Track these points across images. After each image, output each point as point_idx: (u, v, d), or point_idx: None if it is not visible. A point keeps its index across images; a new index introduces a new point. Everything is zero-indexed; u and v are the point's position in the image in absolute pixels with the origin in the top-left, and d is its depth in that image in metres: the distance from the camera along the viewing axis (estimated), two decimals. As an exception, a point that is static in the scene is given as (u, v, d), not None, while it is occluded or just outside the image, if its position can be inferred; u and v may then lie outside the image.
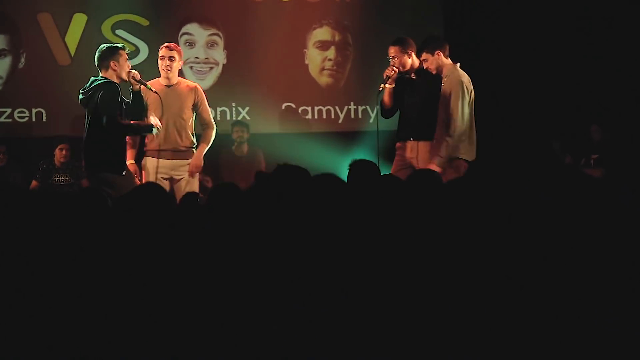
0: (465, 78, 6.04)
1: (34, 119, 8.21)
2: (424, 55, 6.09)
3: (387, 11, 8.62)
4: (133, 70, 5.89)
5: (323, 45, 8.62)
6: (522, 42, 8.48)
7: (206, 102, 6.26)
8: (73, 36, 8.19)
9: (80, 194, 4.46)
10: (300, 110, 8.61)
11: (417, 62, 6.19)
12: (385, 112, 6.34)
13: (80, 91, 5.85)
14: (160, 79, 6.17)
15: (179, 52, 6.21)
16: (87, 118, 5.84)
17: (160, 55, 6.16)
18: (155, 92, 5.94)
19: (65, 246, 2.62)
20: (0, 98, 8.16)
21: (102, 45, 5.93)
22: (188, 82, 6.30)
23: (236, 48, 8.49)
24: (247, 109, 8.51)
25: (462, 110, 5.95)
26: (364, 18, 8.62)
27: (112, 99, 5.69)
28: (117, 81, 5.80)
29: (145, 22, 8.32)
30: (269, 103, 8.49)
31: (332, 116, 8.33)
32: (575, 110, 8.32)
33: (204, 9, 8.47)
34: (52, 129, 8.20)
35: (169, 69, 6.11)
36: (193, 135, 6.20)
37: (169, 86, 6.15)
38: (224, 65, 8.47)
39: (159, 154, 6.13)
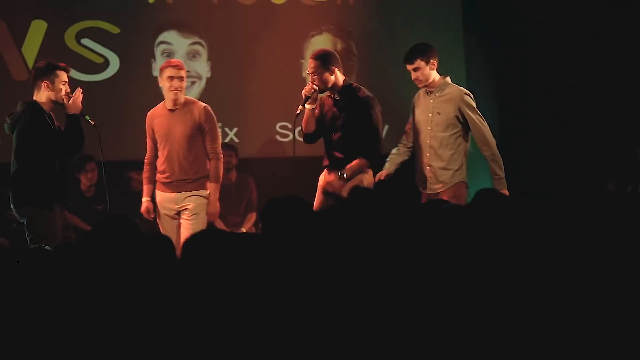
0: (463, 89, 5.88)
1: (-15, 143, 7.69)
2: (418, 63, 5.81)
3: (397, 15, 8.18)
4: (77, 94, 5.66)
5: (323, 56, 8.04)
6: (564, 40, 7.99)
7: (215, 127, 6.05)
8: (31, 47, 7.73)
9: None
10: (297, 130, 7.86)
11: (341, 80, 5.93)
12: (308, 138, 6.14)
13: (7, 117, 5.75)
14: (165, 102, 5.98)
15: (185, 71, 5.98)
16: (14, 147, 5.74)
17: (167, 75, 5.85)
18: (94, 126, 5.75)
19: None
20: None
21: (41, 62, 5.87)
22: (197, 103, 5.99)
23: (222, 59, 8.04)
24: (235, 129, 8.06)
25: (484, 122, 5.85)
26: (369, 24, 8.17)
27: (34, 126, 5.58)
28: (47, 104, 5.65)
29: (115, 30, 7.86)
30: (260, 123, 8.06)
31: (335, 137, 7.70)
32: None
33: (183, 14, 8.02)
34: (6, 155, 7.28)
35: (179, 90, 5.88)
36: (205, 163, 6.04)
37: (173, 110, 5.95)
38: (207, 79, 8.03)
39: (162, 186, 5.97)
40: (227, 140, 7.86)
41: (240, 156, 7.74)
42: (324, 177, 6.04)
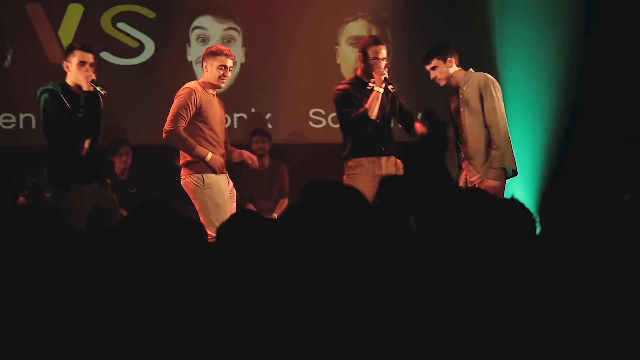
0: (489, 75, 5.75)
1: (21, 126, 7.72)
2: (435, 62, 5.81)
3: (433, 3, 8.05)
4: (90, 73, 5.52)
5: (358, 42, 7.86)
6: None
7: None
8: (67, 30, 7.70)
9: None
10: (330, 117, 7.92)
11: None
12: (370, 123, 6.04)
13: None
14: (203, 82, 5.93)
15: None
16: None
17: (220, 64, 5.77)
18: (103, 95, 5.51)
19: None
20: (-18, 101, 7.69)
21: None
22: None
23: (256, 45, 7.94)
24: (268, 115, 7.97)
25: (500, 109, 5.70)
26: (405, 10, 8.02)
27: (50, 103, 5.51)
28: (74, 86, 5.56)
29: (151, 14, 7.83)
30: (294, 109, 7.93)
31: (368, 124, 7.60)
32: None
33: (219, -1, 7.99)
34: (42, 137, 7.27)
35: (225, 79, 5.90)
36: None
37: (213, 95, 5.98)
38: (242, 64, 7.90)
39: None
40: (260, 126, 7.86)
41: (274, 142, 7.71)
42: (378, 164, 6.03)
